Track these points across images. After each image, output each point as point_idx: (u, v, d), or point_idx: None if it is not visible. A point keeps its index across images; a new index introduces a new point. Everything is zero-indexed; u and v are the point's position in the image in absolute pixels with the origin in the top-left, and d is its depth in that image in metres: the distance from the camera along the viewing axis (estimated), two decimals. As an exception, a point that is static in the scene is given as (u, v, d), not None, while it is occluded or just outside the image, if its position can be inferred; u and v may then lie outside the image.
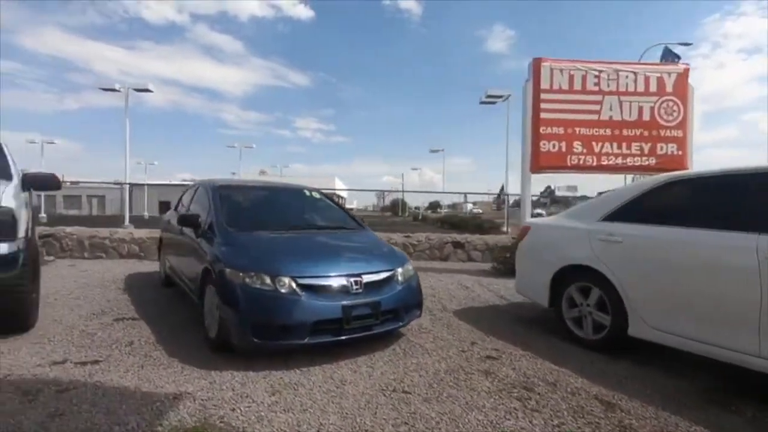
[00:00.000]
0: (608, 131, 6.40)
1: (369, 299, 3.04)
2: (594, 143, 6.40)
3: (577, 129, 6.38)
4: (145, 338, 3.34)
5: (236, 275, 2.88)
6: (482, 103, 18.17)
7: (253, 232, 3.46)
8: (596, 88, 6.40)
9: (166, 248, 5.04)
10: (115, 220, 16.74)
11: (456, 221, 21.04)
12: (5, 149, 4.11)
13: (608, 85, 6.39)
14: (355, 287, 3.03)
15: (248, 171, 39.24)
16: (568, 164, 6.41)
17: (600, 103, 6.39)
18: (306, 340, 2.82)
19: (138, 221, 17.45)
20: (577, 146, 6.39)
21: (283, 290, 2.83)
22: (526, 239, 4.10)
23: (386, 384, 2.65)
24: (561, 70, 6.38)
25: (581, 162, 6.41)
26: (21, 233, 3.18)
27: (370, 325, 3.05)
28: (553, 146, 6.37)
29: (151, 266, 6.83)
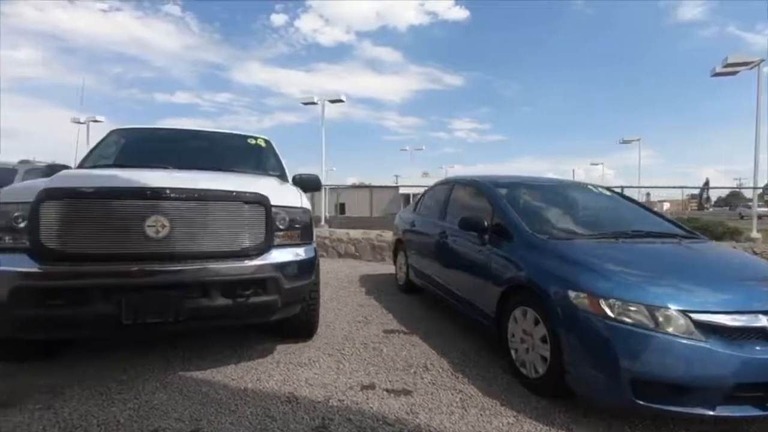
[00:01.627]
0: None
1: (810, 354, 1.90)
2: None
3: None
4: (436, 362, 2.84)
5: (592, 303, 2.08)
6: (716, 75, 14.37)
7: (572, 240, 2.66)
8: None
9: (412, 252, 4.66)
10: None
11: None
12: (277, 153, 4.21)
13: None
14: (779, 332, 1.94)
15: (411, 173, 39.92)
16: None
17: None
18: (716, 411, 1.85)
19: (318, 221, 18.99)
20: None
21: (671, 329, 1.92)
22: None
23: None
24: None
25: None
26: (314, 236, 3.00)
27: (809, 397, 1.92)
28: None
29: (370, 267, 6.80)
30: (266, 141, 4.28)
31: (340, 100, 18.94)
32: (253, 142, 4.19)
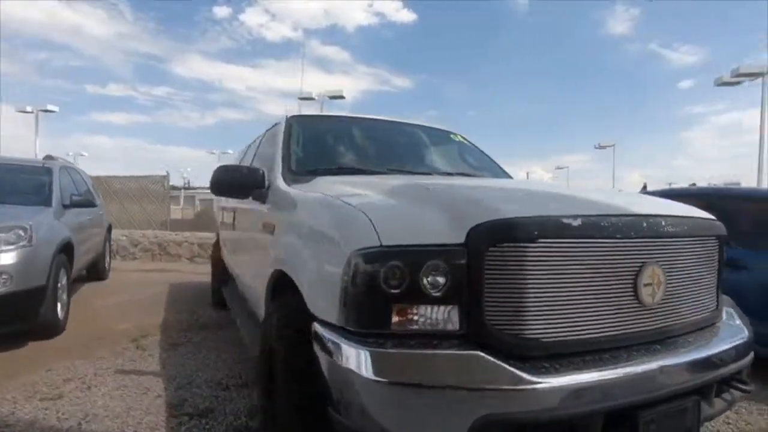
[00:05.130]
0: None
1: None
2: None
3: None
4: None
5: None
6: (722, 84, 14.91)
7: None
8: None
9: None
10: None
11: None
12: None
13: None
14: None
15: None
16: None
17: None
18: None
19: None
20: None
21: None
22: None
23: None
24: None
25: None
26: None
27: None
28: None
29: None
30: (463, 137, 3.28)
31: (341, 97, 17.82)
32: (457, 138, 3.18)
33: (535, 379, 1.07)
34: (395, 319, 1.15)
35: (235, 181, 2.19)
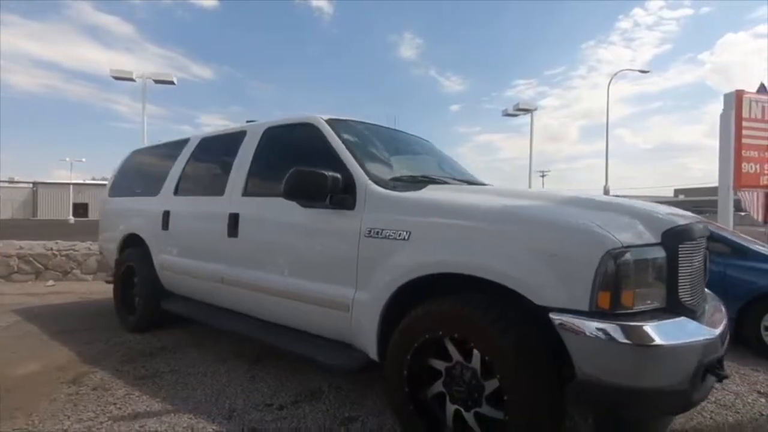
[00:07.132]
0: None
1: None
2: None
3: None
4: None
5: None
6: (507, 114, 19.19)
7: None
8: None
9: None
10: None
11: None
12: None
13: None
14: None
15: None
16: (761, 183, 7.41)
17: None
18: None
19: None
20: (768, 168, 7.41)
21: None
22: None
23: None
24: (756, 102, 7.36)
25: (772, 181, 7.44)
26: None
27: None
28: (751, 168, 7.32)
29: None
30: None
31: (171, 82, 15.61)
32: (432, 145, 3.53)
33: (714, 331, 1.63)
34: (633, 300, 1.53)
35: (321, 187, 2.13)
